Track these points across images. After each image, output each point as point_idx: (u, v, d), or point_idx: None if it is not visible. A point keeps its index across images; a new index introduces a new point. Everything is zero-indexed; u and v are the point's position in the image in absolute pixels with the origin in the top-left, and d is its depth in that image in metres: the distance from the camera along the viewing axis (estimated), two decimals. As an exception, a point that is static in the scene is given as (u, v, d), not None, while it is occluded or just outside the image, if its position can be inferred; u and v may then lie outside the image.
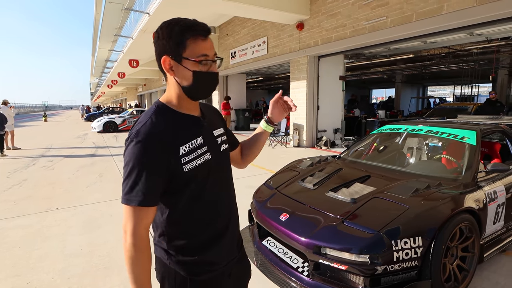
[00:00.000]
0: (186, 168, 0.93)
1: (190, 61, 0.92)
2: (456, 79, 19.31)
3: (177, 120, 0.97)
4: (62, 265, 2.71)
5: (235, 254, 1.12)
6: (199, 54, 0.92)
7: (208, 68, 0.95)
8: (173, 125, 0.95)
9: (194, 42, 0.92)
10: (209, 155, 0.99)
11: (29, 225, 3.63)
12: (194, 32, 0.91)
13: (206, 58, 0.93)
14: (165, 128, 0.92)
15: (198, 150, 0.97)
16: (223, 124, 1.18)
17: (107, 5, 14.68)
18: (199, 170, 0.96)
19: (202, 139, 0.99)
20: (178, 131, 0.95)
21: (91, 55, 32.33)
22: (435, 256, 1.86)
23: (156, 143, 0.89)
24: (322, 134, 9.53)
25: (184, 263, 1.00)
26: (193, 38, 0.91)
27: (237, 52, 12.57)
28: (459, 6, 5.33)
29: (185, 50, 0.92)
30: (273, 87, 28.37)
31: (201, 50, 0.92)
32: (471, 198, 2.22)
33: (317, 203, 2.32)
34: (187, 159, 0.93)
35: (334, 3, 7.82)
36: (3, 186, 5.38)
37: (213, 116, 1.13)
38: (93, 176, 6.04)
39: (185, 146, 0.94)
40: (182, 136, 0.95)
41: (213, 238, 1.03)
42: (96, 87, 54.56)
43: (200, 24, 0.93)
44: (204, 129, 1.02)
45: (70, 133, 15.58)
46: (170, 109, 0.98)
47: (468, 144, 2.73)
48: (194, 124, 1.01)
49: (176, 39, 0.91)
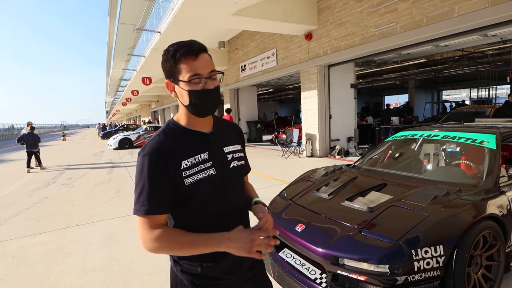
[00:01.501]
0: (187, 182, 0.98)
1: (184, 82, 0.97)
2: (472, 82, 18.90)
3: (183, 136, 1.03)
4: (82, 281, 2.76)
5: (245, 272, 1.11)
6: (190, 74, 0.96)
7: (202, 85, 0.98)
8: (178, 141, 1.01)
9: (186, 63, 0.96)
10: (213, 170, 1.02)
11: (50, 242, 3.72)
12: (184, 54, 0.96)
13: (198, 77, 0.97)
14: (169, 143, 1.00)
15: (201, 165, 1.00)
16: (242, 143, 1.20)
17: (120, 27, 15.24)
18: (200, 184, 0.99)
19: (207, 154, 1.03)
20: (182, 146, 1.01)
21: (106, 74, 33.45)
22: (458, 265, 1.80)
23: (157, 156, 0.96)
24: (336, 143, 9.44)
25: (188, 274, 1.04)
26: (184, 59, 0.96)
27: (247, 65, 12.74)
28: (471, 8, 5.27)
29: (180, 72, 0.98)
30: (284, 97, 28.48)
31: (192, 70, 0.96)
32: (494, 204, 2.14)
33: (333, 213, 2.30)
34: (188, 173, 0.98)
35: (342, 12, 7.87)
36: (26, 204, 5.56)
37: (230, 134, 1.16)
38: (110, 192, 6.16)
39: (187, 160, 0.99)
40: (185, 151, 1.00)
41: (217, 254, 1.01)
42: (111, 105, 56.13)
43: (191, 44, 0.98)
44: (211, 145, 1.05)
45: (87, 151, 16.01)
46: (180, 126, 1.05)
47: (487, 148, 2.65)
48: (200, 140, 1.05)
49: (171, 63, 0.98)
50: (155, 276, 2.76)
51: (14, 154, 17.14)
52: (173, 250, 0.96)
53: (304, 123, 9.81)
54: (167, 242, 0.94)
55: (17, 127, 51.16)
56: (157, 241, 0.93)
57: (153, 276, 2.75)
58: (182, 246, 0.94)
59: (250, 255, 0.93)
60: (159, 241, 0.93)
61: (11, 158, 14.96)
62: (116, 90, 35.96)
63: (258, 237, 0.94)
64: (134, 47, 17.41)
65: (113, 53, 20.96)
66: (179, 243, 0.94)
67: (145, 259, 3.07)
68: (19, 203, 5.68)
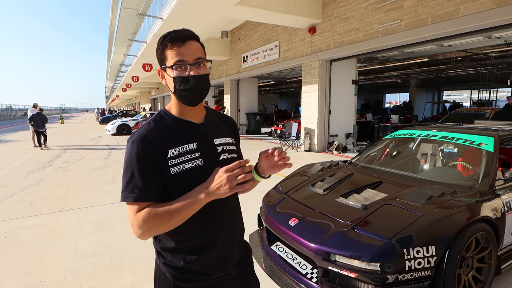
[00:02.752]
0: (173, 171, 0.96)
1: (170, 69, 0.97)
2: (473, 84, 18.85)
3: (172, 125, 1.02)
4: (74, 265, 2.76)
5: (231, 270, 1.09)
6: (175, 60, 0.96)
7: (186, 72, 0.97)
8: (166, 129, 1.00)
9: (171, 49, 0.96)
10: (201, 161, 1.00)
11: (43, 225, 3.71)
12: (171, 40, 0.96)
13: (182, 63, 0.96)
14: (157, 131, 0.98)
15: (188, 154, 0.99)
16: (235, 136, 1.18)
17: (122, 11, 15.03)
18: (186, 174, 0.97)
19: (196, 145, 1.01)
20: (170, 134, 1.00)
21: (107, 59, 33.16)
22: (449, 266, 1.80)
23: (145, 142, 0.95)
24: (334, 139, 9.44)
25: (171, 267, 1.02)
26: (170, 45, 0.96)
27: (249, 56, 12.63)
28: (477, 8, 5.21)
29: (166, 59, 0.98)
30: (285, 91, 28.36)
31: (176, 56, 0.96)
32: (488, 207, 2.14)
33: (327, 208, 2.29)
34: (174, 162, 0.97)
35: (347, 6, 7.77)
36: (20, 186, 5.54)
37: (223, 126, 1.15)
38: (106, 178, 6.15)
39: (174, 149, 0.98)
40: (172, 140, 0.99)
41: (200, 248, 1.02)
42: (111, 90, 55.80)
43: (178, 31, 0.97)
44: (200, 136, 1.04)
45: (85, 135, 15.95)
46: (170, 115, 1.04)
47: (485, 151, 2.64)
48: (190, 129, 1.03)
49: (160, 50, 0.99)
50: (146, 263, 2.76)
51: (12, 135, 17.06)
52: (163, 226, 0.92)
53: (304, 117, 9.78)
54: (155, 220, 0.90)
55: (16, 108, 50.85)
56: (145, 223, 0.90)
57: (144, 264, 2.76)
58: (169, 218, 0.91)
59: (232, 191, 0.90)
60: (146, 222, 0.90)
61: (9, 138, 14.89)
62: (117, 76, 35.67)
63: (230, 172, 0.89)
64: (135, 33, 17.23)
65: (114, 38, 20.74)
66: (165, 216, 0.91)
67: (138, 247, 3.08)
68: (13, 184, 5.66)
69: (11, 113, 47.56)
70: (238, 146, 1.19)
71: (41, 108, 11.11)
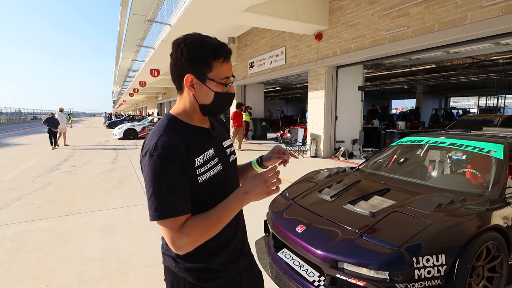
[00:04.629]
0: (201, 179, 0.96)
1: (215, 82, 0.95)
2: (481, 90, 18.67)
3: (190, 132, 0.99)
4: (80, 269, 2.77)
5: (243, 260, 1.14)
6: (223, 77, 0.96)
7: (226, 89, 0.99)
8: (187, 138, 0.96)
9: (220, 65, 0.95)
10: (220, 166, 1.03)
11: (50, 228, 3.74)
12: (221, 55, 0.94)
13: (228, 81, 0.98)
14: (180, 140, 0.94)
15: (211, 161, 1.00)
16: (228, 135, 1.22)
17: (131, 17, 15.28)
18: (212, 181, 0.99)
19: (214, 150, 1.02)
20: (192, 143, 0.96)
21: (115, 64, 33.59)
22: (459, 276, 1.77)
23: (175, 155, 0.90)
24: (340, 145, 9.39)
25: (193, 270, 1.02)
26: (219, 60, 0.94)
27: (255, 62, 12.70)
28: (484, 15, 5.18)
29: (211, 71, 0.94)
30: (291, 96, 28.39)
31: (225, 73, 0.96)
32: (499, 215, 2.10)
33: (334, 215, 2.27)
34: (202, 170, 0.96)
35: (354, 13, 7.80)
36: (28, 189, 5.60)
37: (222, 129, 1.18)
38: (112, 182, 6.18)
39: (199, 158, 0.96)
40: (196, 148, 0.97)
41: (221, 246, 1.05)
42: (118, 95, 56.39)
43: (226, 46, 0.97)
44: (214, 141, 1.05)
45: (92, 140, 16.10)
46: (182, 122, 1.00)
47: (494, 158, 2.60)
48: (206, 136, 1.03)
49: (203, 59, 0.93)
50: (151, 269, 2.76)
51: (20, 138, 17.31)
52: (207, 235, 0.92)
53: (310, 123, 9.76)
54: (199, 231, 0.90)
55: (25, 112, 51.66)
56: (189, 236, 0.89)
57: (150, 269, 2.75)
58: (212, 227, 0.92)
59: (269, 195, 0.94)
60: (191, 236, 0.89)
61: (17, 142, 15.10)
62: (124, 80, 36.09)
63: (268, 176, 0.94)
64: (144, 39, 17.45)
65: (123, 43, 21.02)
66: (209, 226, 0.91)
67: (143, 252, 3.08)
68: (21, 188, 5.72)
69: (20, 116, 48.32)
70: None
71: (52, 113, 12.46)
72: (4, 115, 43.30)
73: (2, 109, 43.65)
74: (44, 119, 11.71)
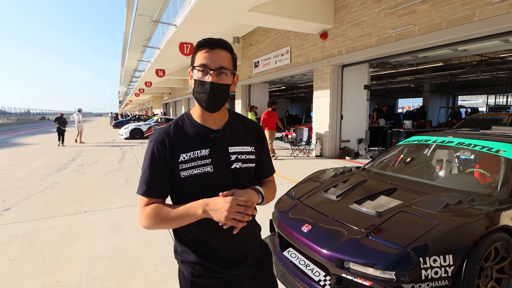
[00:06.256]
0: (183, 175, 1.02)
1: (196, 70, 1.02)
2: (490, 88, 18.41)
3: (190, 129, 1.06)
4: (89, 267, 2.81)
5: (247, 268, 1.11)
6: (199, 63, 1.01)
7: (206, 77, 1.00)
8: (182, 133, 1.05)
9: (200, 53, 1.01)
10: (210, 168, 1.03)
11: (59, 227, 3.79)
12: (201, 44, 1.01)
13: (203, 67, 1.00)
14: (173, 134, 1.04)
15: (199, 160, 1.02)
16: (257, 144, 1.15)
17: (136, 18, 15.38)
18: (194, 179, 1.02)
19: (208, 151, 1.03)
20: (185, 139, 1.04)
21: (121, 64, 33.86)
22: (467, 277, 1.76)
23: (161, 143, 1.02)
24: (346, 144, 9.35)
25: (187, 263, 1.07)
26: (201, 49, 1.01)
27: (260, 62, 12.69)
28: (493, 12, 5.11)
29: (194, 61, 1.03)
30: (296, 96, 28.31)
31: (201, 60, 1.00)
32: (508, 216, 2.08)
33: (340, 215, 2.27)
34: (185, 166, 1.02)
35: (359, 12, 7.75)
36: (38, 188, 5.69)
37: (243, 133, 1.13)
38: (119, 181, 6.25)
39: (186, 154, 1.02)
40: (186, 144, 1.03)
41: (212, 249, 1.07)
42: (124, 95, 56.87)
43: (213, 39, 1.02)
44: (214, 142, 1.05)
45: (99, 139, 16.26)
46: (191, 119, 1.09)
47: (504, 158, 2.57)
48: (205, 135, 1.05)
49: (194, 53, 1.04)
50: (158, 267, 2.78)
51: (29, 138, 17.56)
52: (163, 226, 1.01)
53: (315, 123, 9.73)
54: (156, 219, 0.99)
55: (33, 112, 52.40)
56: (148, 218, 0.99)
57: (156, 267, 2.78)
58: (168, 221, 0.99)
59: (226, 221, 0.93)
60: (150, 218, 0.99)
61: (26, 142, 15.33)
62: (130, 81, 36.37)
63: (233, 204, 0.94)
64: (149, 39, 17.57)
65: (128, 44, 21.19)
66: (166, 219, 0.99)
67: (150, 250, 3.11)
68: (31, 187, 5.81)
69: (29, 117, 49.01)
70: (261, 153, 1.17)
71: (61, 113, 13.77)
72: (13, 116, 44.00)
73: (12, 109, 44.37)
74: (54, 118, 13.15)
